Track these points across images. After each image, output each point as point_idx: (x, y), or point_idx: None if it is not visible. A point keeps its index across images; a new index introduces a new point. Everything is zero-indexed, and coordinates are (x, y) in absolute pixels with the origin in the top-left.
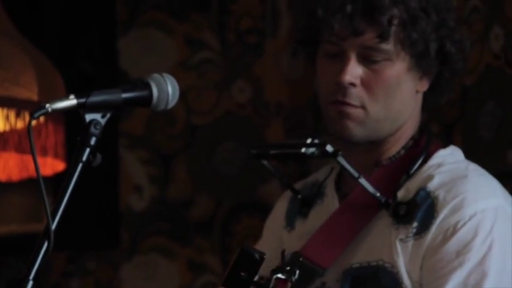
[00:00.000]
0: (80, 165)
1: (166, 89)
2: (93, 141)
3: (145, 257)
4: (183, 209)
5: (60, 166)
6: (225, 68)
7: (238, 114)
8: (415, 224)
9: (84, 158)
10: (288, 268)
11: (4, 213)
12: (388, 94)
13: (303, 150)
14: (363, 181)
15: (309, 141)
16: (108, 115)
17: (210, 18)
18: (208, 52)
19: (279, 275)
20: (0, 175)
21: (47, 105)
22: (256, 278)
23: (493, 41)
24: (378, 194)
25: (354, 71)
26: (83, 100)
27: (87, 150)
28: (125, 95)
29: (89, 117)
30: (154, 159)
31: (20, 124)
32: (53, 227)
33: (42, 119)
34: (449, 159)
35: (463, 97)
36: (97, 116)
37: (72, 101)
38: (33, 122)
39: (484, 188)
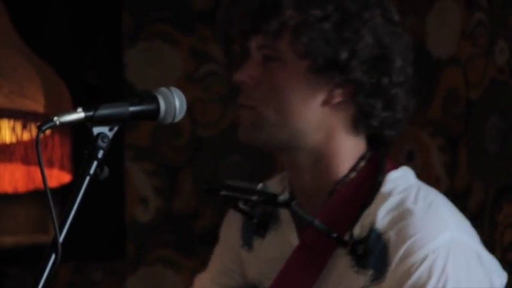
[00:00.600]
0: (87, 178)
1: (174, 103)
2: (100, 154)
3: (150, 269)
4: (188, 220)
5: (66, 178)
6: (231, 81)
7: None
8: (371, 272)
9: (92, 171)
10: None
11: (11, 225)
12: (280, 98)
13: (254, 198)
14: (317, 224)
15: (260, 187)
16: (116, 128)
17: (216, 31)
18: (213, 65)
19: None
20: (6, 186)
21: (55, 118)
22: None
23: (497, 55)
24: (335, 235)
25: (247, 69)
26: (90, 113)
27: (95, 163)
28: (132, 109)
29: (96, 130)
30: (159, 171)
31: (26, 136)
32: (61, 239)
33: (48, 131)
34: (400, 185)
35: (468, 111)
36: (104, 129)
37: (79, 114)
38: (40, 134)
39: (434, 223)
